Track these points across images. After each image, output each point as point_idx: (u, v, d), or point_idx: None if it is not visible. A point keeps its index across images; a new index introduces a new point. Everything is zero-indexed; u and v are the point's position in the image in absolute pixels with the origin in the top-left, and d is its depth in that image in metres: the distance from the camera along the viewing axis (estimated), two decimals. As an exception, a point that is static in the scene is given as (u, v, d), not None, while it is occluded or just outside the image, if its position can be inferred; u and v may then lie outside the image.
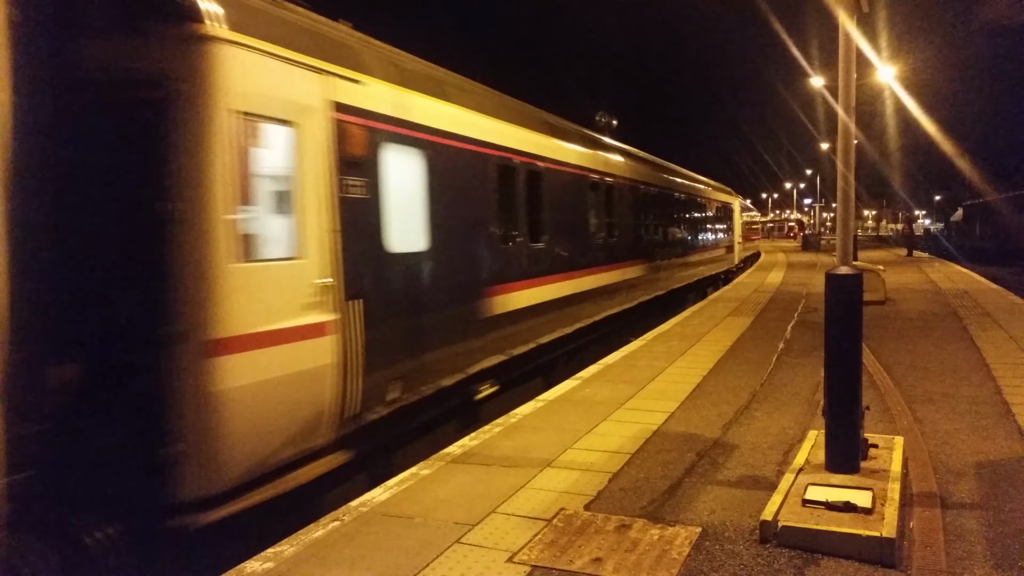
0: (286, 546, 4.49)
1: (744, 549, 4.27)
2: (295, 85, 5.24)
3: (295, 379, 5.10)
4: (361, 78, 6.05)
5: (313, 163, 5.38)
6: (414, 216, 6.87)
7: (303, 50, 5.36)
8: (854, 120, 5.35)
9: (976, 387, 8.02)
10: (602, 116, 16.32)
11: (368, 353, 5.86)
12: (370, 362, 5.89)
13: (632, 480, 5.48)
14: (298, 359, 5.11)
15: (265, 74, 4.96)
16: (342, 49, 6.04)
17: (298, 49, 5.29)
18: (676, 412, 7.38)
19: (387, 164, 6.33)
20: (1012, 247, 41.97)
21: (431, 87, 7.42)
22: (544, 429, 6.91)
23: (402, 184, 6.59)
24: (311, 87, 5.40)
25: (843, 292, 5.04)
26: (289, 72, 5.18)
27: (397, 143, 6.55)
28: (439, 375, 7.17)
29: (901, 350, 10.34)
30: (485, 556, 4.27)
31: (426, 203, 7.04)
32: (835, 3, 5.19)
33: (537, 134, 10.08)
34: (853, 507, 4.35)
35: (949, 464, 5.64)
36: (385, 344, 6.19)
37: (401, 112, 6.62)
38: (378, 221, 6.18)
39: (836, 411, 5.03)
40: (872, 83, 23.72)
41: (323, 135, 5.48)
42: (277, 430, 4.99)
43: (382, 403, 6.19)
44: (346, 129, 5.75)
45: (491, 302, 8.32)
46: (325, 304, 5.42)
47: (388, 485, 5.51)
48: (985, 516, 4.67)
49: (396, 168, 6.48)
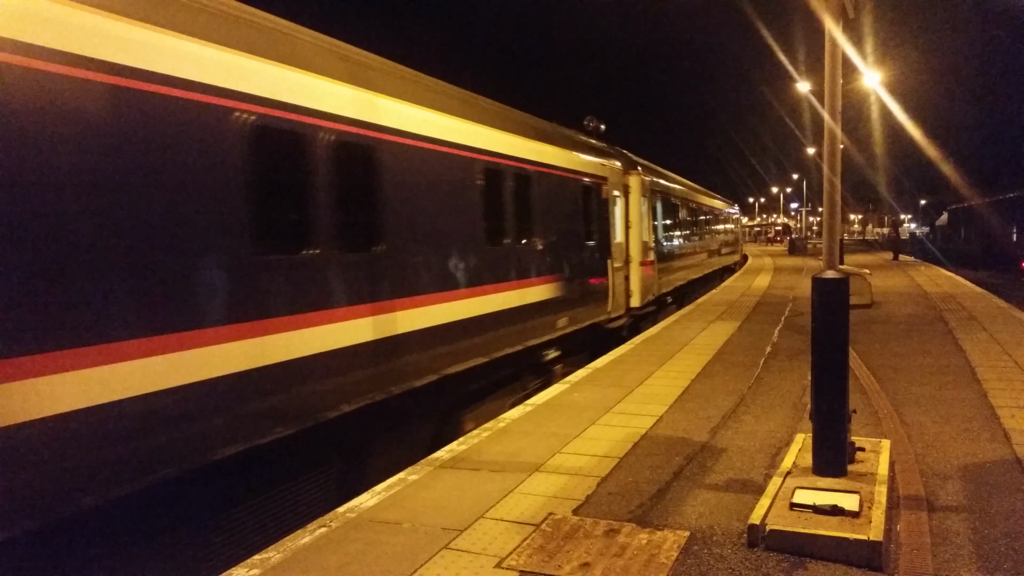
0: (272, 552, 4.45)
1: (732, 553, 4.27)
2: (645, 185, 16.23)
3: (652, 275, 16.13)
4: (646, 178, 16.82)
5: (646, 208, 16.40)
6: (667, 226, 19.30)
7: (651, 174, 17.63)
8: (840, 125, 5.37)
9: (962, 390, 8.08)
10: (590, 120, 16.36)
11: (659, 273, 16.97)
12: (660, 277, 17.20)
13: (621, 484, 5.48)
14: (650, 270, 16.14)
15: (645, 183, 16.11)
16: (650, 170, 18.07)
17: (648, 174, 17.10)
18: (664, 416, 7.39)
19: (656, 204, 17.70)
20: (996, 251, 42.40)
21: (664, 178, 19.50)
22: (532, 433, 6.90)
23: (662, 212, 18.62)
24: (644, 181, 16.15)
25: (830, 296, 5.06)
26: (648, 182, 16.66)
27: (662, 197, 18.81)
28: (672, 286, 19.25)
29: (888, 353, 10.40)
30: (473, 562, 4.25)
31: (663, 221, 18.61)
32: (821, 9, 5.22)
33: None
34: (840, 510, 4.37)
35: (935, 467, 5.67)
36: (662, 272, 17.35)
37: (658, 187, 18.23)
38: (656, 227, 17.51)
39: (823, 415, 5.04)
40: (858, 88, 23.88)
41: (643, 198, 16.08)
42: (646, 289, 15.57)
43: (658, 293, 17.05)
44: (651, 196, 17.17)
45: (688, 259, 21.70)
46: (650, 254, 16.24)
47: (376, 490, 5.48)
48: (971, 519, 4.69)
49: (660, 205, 18.22)
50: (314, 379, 5.74)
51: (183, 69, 4.69)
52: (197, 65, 4.81)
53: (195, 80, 4.78)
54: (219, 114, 4.95)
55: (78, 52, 4.08)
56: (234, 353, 4.96)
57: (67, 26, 4.03)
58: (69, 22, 4.03)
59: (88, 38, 4.12)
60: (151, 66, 4.48)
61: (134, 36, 4.39)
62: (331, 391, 5.97)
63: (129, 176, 4.33)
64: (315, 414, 5.77)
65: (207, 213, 4.83)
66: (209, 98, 4.88)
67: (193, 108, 4.76)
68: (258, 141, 5.23)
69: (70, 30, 4.04)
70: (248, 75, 5.20)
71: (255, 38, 5.41)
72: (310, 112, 5.81)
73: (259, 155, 5.23)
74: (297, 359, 5.53)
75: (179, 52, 4.68)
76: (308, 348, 5.65)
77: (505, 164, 9.12)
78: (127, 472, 4.26)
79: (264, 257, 5.27)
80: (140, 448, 4.33)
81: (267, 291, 5.30)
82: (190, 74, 4.75)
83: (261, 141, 5.27)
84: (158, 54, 4.53)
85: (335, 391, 6.02)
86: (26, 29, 3.83)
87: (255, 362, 5.13)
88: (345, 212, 6.19)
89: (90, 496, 4.07)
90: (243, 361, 5.02)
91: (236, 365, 4.97)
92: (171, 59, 4.62)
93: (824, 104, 5.37)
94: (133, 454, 4.30)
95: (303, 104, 5.74)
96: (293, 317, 5.51)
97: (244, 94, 5.15)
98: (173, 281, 4.57)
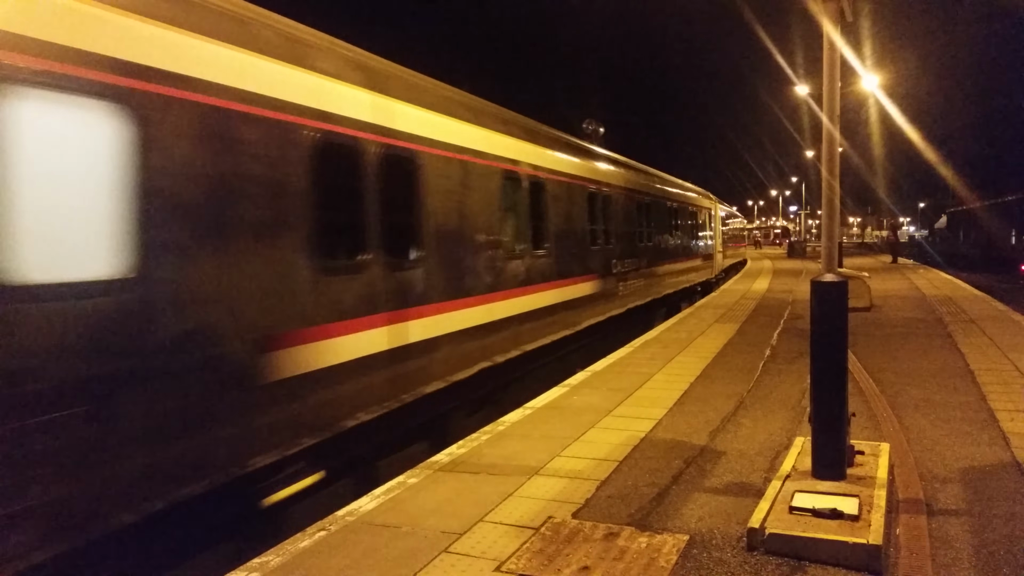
0: (272, 556, 4.44)
1: (731, 557, 4.27)
2: (719, 210, 31.83)
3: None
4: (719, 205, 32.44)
5: (717, 222, 30.56)
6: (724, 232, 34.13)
7: (721, 202, 34.39)
8: (839, 128, 5.38)
9: (961, 393, 8.08)
10: (589, 123, 16.38)
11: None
12: (721, 258, 31.39)
13: (620, 488, 5.47)
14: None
15: (718, 208, 31.87)
16: (712, 199, 30.33)
17: (721, 204, 34.78)
18: (664, 419, 7.38)
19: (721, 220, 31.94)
20: (995, 254, 42.43)
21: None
22: (531, 437, 6.90)
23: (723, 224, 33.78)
24: (716, 207, 30.64)
25: (829, 299, 5.06)
26: (720, 207, 32.56)
27: (721, 215, 32.50)
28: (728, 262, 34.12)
29: (887, 356, 10.40)
30: (473, 565, 4.25)
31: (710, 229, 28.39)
32: (819, 12, 5.23)
33: None
34: (840, 514, 4.36)
35: (935, 470, 5.67)
36: (722, 255, 32.23)
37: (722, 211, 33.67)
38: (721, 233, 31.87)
39: (822, 418, 5.04)
40: (857, 91, 23.92)
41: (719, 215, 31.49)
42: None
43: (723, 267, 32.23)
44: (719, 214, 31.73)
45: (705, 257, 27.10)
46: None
47: (375, 494, 5.47)
48: (970, 522, 4.69)
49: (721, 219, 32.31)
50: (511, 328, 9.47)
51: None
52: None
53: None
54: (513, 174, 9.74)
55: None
56: (454, 319, 7.96)
57: None
58: None
59: None
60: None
61: None
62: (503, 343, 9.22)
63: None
64: (491, 357, 8.93)
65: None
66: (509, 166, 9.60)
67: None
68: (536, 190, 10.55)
69: None
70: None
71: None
72: (547, 169, 11.02)
73: (534, 197, 10.47)
74: (492, 321, 8.87)
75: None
76: (498, 314, 9.06)
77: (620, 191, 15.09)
78: (410, 387, 7.12)
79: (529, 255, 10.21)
80: (422, 369, 7.30)
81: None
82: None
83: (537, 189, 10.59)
84: None
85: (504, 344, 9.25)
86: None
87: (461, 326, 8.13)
88: (560, 225, 11.38)
89: (379, 406, 6.59)
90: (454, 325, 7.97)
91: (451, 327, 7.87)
92: None
93: (823, 107, 5.38)
94: (419, 371, 7.26)
95: (539, 163, 10.68)
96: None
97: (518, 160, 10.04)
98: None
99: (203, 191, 4.75)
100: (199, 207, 4.71)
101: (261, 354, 5.11)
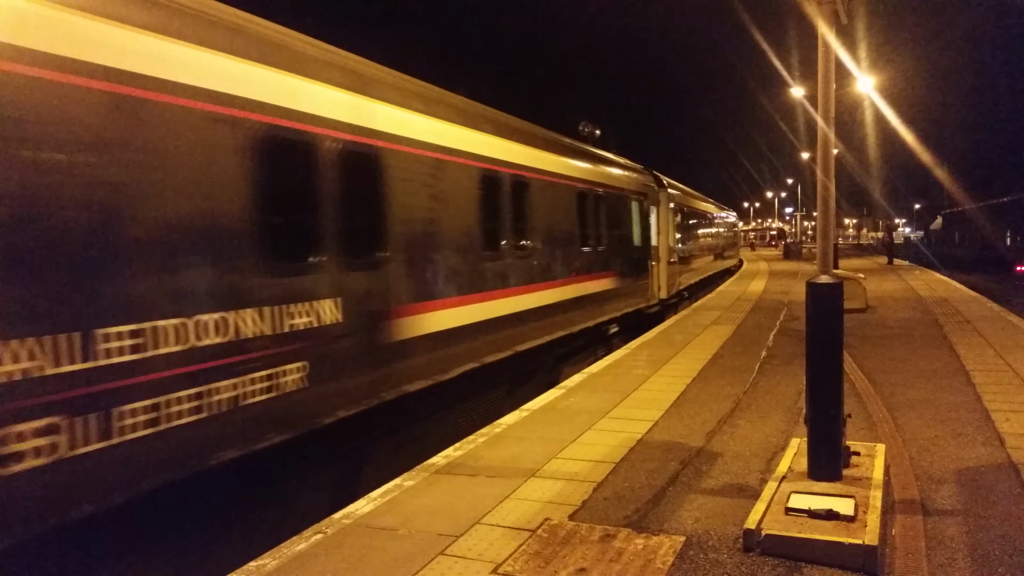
0: (268, 559, 4.44)
1: (728, 558, 4.28)
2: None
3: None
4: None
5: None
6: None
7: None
8: (834, 130, 5.40)
9: (956, 394, 8.10)
10: (585, 125, 16.40)
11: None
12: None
13: (617, 489, 5.48)
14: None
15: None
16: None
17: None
18: (660, 421, 7.39)
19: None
20: (990, 255, 42.58)
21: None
22: (528, 439, 6.90)
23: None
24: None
25: (824, 300, 5.07)
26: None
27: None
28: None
29: (882, 357, 10.43)
30: (470, 567, 4.25)
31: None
32: (814, 14, 5.25)
33: None
34: (836, 515, 4.37)
35: (930, 471, 5.68)
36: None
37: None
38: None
39: (818, 419, 5.05)
40: (852, 93, 24.03)
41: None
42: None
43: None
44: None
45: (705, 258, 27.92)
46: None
47: (372, 496, 5.47)
48: (966, 523, 4.70)
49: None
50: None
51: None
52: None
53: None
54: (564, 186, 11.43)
55: None
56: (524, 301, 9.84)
57: None
58: None
59: None
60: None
61: None
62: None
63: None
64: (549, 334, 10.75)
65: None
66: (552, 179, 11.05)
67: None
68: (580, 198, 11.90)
69: None
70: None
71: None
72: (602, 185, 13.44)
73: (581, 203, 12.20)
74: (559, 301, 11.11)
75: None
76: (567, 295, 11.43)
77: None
78: (489, 350, 8.91)
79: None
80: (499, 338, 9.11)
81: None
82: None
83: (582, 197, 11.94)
84: None
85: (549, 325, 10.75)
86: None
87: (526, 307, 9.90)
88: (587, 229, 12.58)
89: (462, 365, 8.23)
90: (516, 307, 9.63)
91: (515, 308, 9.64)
92: None
93: (818, 109, 5.40)
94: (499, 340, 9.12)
95: (590, 179, 12.91)
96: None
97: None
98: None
99: (429, 208, 7.57)
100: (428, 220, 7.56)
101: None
